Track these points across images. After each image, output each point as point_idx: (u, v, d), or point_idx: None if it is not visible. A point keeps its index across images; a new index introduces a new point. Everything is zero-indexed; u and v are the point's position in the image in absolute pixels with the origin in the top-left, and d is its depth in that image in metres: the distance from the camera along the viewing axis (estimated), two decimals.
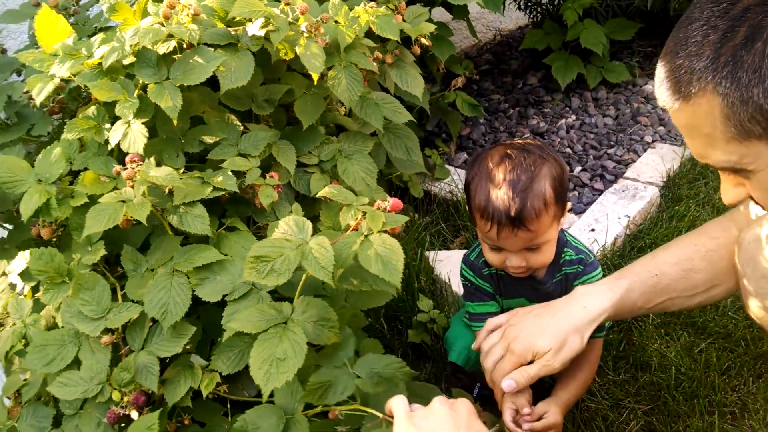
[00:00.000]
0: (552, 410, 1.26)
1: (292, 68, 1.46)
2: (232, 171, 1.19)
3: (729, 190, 0.80)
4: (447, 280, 1.89)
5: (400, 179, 2.35)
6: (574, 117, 2.63)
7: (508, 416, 1.23)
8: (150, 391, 1.06)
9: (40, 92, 1.18)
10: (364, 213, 1.01)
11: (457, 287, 1.88)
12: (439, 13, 2.51)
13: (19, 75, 1.55)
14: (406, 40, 1.61)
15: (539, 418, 1.25)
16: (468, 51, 3.52)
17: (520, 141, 1.27)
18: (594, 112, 2.64)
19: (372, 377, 1.02)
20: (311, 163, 1.37)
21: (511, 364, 1.14)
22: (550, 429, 1.25)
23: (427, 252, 2.05)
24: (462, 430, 0.81)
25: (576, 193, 2.25)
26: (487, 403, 1.51)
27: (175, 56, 1.17)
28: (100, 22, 1.53)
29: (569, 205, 1.28)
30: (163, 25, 1.16)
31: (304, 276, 1.03)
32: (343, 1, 1.43)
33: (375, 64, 1.48)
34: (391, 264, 0.93)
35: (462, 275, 1.43)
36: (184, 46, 1.18)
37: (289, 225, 0.97)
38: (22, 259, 1.22)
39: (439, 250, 2.09)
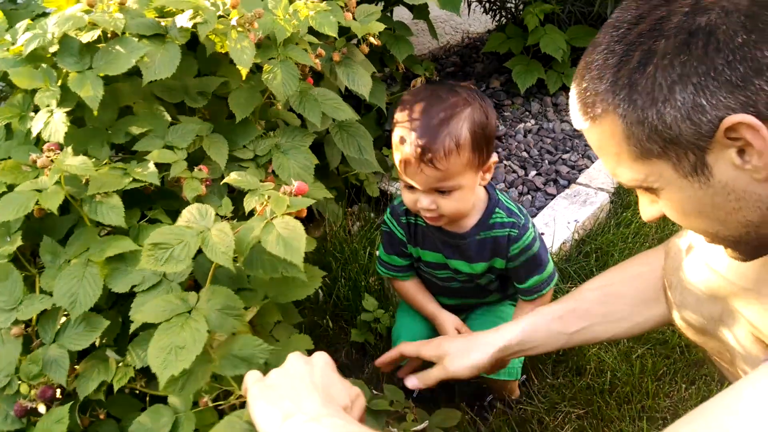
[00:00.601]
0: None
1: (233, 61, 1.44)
2: (158, 163, 1.17)
3: (646, 207, 0.82)
4: None
5: (357, 177, 2.35)
6: (533, 121, 2.64)
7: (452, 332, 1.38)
8: (57, 386, 1.03)
9: None
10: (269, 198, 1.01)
11: None
12: (405, 13, 2.51)
13: None
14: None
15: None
16: (435, 52, 3.53)
17: (454, 82, 1.25)
18: (553, 117, 2.65)
19: (229, 360, 0.99)
20: (246, 158, 1.35)
21: (417, 362, 1.18)
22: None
23: (377, 251, 2.04)
24: (317, 382, 0.80)
25: (529, 197, 2.26)
26: (425, 401, 1.52)
27: (99, 45, 1.15)
28: (40, 7, 1.50)
29: (494, 158, 1.23)
30: (88, 14, 1.14)
31: (213, 264, 1.01)
32: None
33: (317, 61, 1.47)
34: (293, 245, 0.93)
35: (383, 222, 1.43)
36: (109, 35, 1.16)
37: (192, 213, 0.97)
38: None
39: None
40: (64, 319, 1.08)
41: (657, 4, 0.67)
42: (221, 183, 1.12)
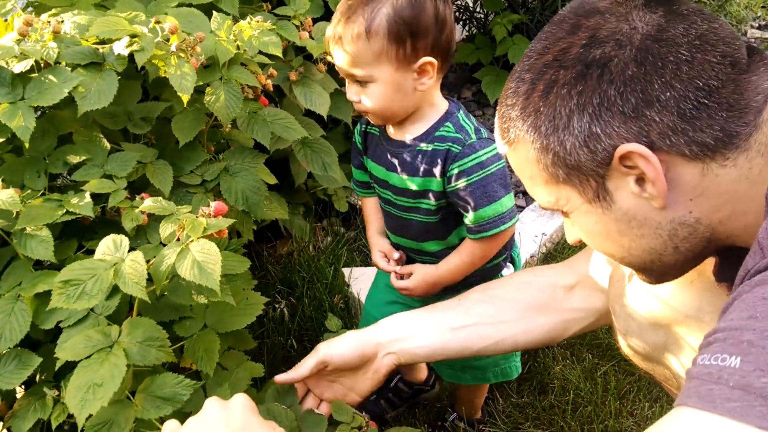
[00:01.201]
0: (418, 271, 1.28)
1: None
2: (96, 193, 1.15)
3: (568, 229, 0.83)
4: (358, 298, 1.85)
5: (325, 192, 2.32)
6: None
7: (377, 256, 1.35)
8: None
9: None
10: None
11: None
12: None
13: None
14: None
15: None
16: None
17: None
18: None
19: (151, 401, 0.96)
20: (193, 183, 1.32)
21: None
22: (410, 281, 1.29)
23: (345, 268, 2.02)
24: (236, 427, 0.77)
25: None
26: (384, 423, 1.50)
27: (32, 75, 1.12)
28: None
29: (428, 59, 1.11)
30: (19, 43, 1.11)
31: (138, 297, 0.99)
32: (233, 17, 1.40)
33: (269, 81, 1.44)
34: (208, 269, 0.90)
35: None
36: (42, 65, 1.13)
37: (107, 245, 0.95)
38: None
39: (359, 266, 2.06)
40: None
41: (561, 36, 0.69)
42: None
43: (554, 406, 1.53)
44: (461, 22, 3.00)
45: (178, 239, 0.95)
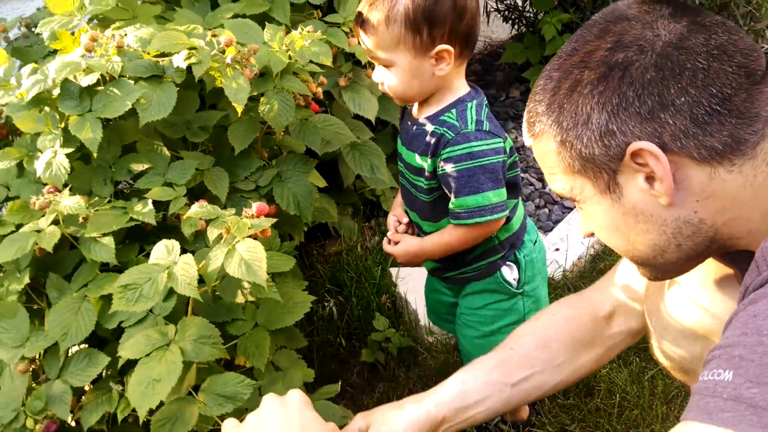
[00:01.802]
0: (405, 240, 1.36)
1: None
2: (157, 200, 1.21)
3: (582, 221, 0.87)
4: (405, 298, 1.89)
5: (373, 193, 2.36)
6: None
7: (390, 218, 1.43)
8: (60, 421, 1.08)
9: None
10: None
11: (415, 305, 1.88)
12: None
13: None
14: None
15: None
16: None
17: None
18: None
19: (215, 400, 1.01)
20: (248, 189, 1.38)
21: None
22: (395, 248, 1.35)
23: (392, 268, 2.05)
24: (294, 423, 0.80)
25: (546, 210, 2.23)
26: None
27: (98, 88, 1.19)
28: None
29: (445, 47, 1.15)
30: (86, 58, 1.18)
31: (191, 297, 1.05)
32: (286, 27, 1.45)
33: (319, 89, 1.49)
34: (254, 266, 0.96)
35: None
36: (107, 78, 1.20)
37: (161, 249, 1.01)
38: None
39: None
40: (66, 352, 1.13)
41: (589, 40, 0.74)
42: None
43: (600, 409, 1.53)
44: (510, 21, 2.99)
45: (225, 240, 1.01)
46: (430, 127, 1.23)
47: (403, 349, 1.78)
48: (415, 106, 1.30)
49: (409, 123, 1.30)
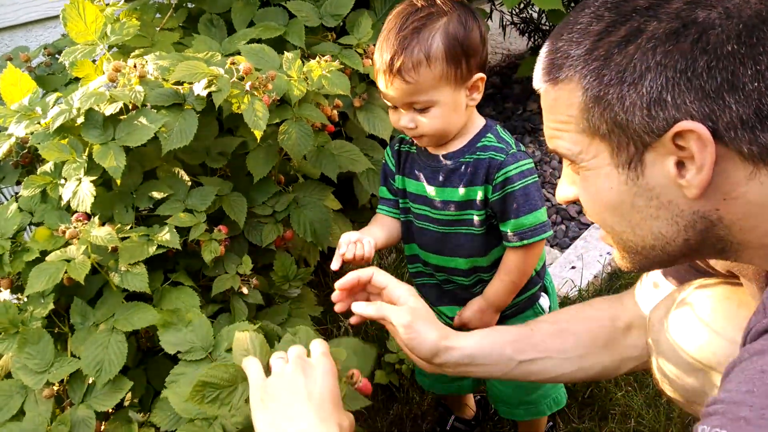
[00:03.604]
0: (468, 305, 1.30)
1: None
2: (178, 227, 1.23)
3: (564, 185, 0.80)
4: None
5: None
6: None
7: (344, 238, 1.25)
8: None
9: None
10: None
11: None
12: None
13: None
14: None
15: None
16: None
17: None
18: None
19: None
20: (265, 214, 1.40)
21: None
22: (463, 314, 1.29)
23: None
24: (315, 394, 0.81)
25: (563, 226, 2.23)
26: None
27: (122, 117, 1.22)
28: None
29: (480, 75, 1.16)
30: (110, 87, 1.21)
31: None
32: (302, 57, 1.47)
33: (335, 112, 1.50)
34: None
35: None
36: (130, 107, 1.22)
37: (243, 341, 0.97)
38: None
39: None
40: (92, 379, 1.15)
41: None
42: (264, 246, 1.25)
43: None
44: (526, 34, 2.99)
45: None
46: (469, 157, 1.20)
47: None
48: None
49: (432, 162, 1.24)
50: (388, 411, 1.72)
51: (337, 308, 1.07)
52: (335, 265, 1.19)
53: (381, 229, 1.33)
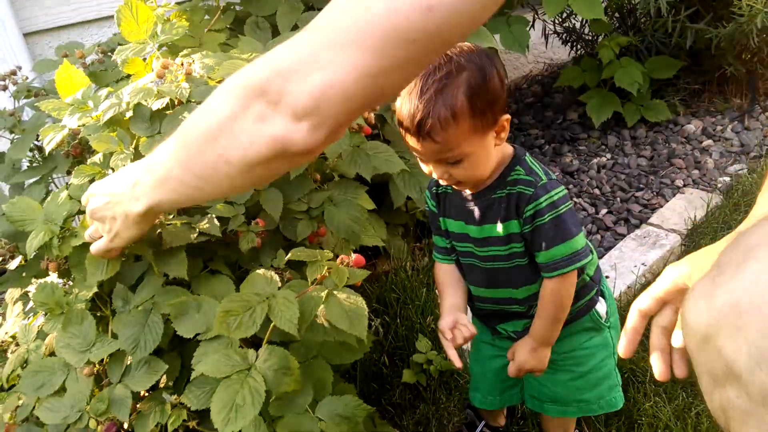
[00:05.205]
0: (517, 348, 1.31)
1: None
2: (218, 217, 1.28)
3: None
4: None
5: (424, 214, 2.40)
6: (608, 156, 2.59)
7: (444, 324, 1.29)
8: (121, 423, 1.15)
9: (51, 141, 1.31)
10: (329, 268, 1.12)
11: None
12: None
13: None
14: None
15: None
16: (517, 82, 3.53)
17: (461, 45, 1.15)
18: (630, 151, 2.59)
19: (333, 418, 1.09)
20: (300, 210, 1.44)
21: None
22: (516, 359, 1.30)
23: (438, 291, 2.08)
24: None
25: (598, 236, 2.22)
26: None
27: (168, 112, 1.28)
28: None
29: (506, 116, 1.16)
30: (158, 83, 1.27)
31: (271, 325, 1.10)
32: None
33: (371, 114, 1.54)
34: (356, 322, 1.03)
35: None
36: (176, 102, 1.28)
37: (258, 279, 1.05)
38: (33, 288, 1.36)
39: None
40: (129, 359, 1.21)
41: None
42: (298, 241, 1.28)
43: None
44: (569, 44, 2.98)
45: (319, 283, 1.08)
46: (502, 192, 1.22)
47: (444, 372, 1.81)
48: None
49: (468, 200, 1.26)
50: (415, 410, 1.74)
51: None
52: (459, 363, 1.25)
53: (455, 289, 1.35)
